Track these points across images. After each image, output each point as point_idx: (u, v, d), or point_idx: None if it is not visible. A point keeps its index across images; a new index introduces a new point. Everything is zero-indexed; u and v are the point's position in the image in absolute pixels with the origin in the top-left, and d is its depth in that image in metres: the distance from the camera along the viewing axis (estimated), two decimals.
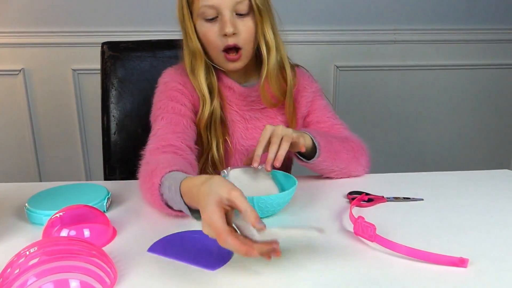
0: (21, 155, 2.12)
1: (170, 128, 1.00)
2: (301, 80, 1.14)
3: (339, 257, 0.69)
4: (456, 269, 0.65)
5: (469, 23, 2.12)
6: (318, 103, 1.14)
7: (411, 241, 0.71)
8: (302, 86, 1.13)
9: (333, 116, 1.13)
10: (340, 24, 2.08)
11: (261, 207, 0.81)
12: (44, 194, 0.90)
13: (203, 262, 0.68)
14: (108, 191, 0.91)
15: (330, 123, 1.11)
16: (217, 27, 0.99)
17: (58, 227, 0.73)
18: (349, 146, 1.04)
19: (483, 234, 0.77)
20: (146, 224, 0.83)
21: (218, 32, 0.99)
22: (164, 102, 1.05)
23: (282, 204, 0.85)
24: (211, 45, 1.01)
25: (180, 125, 1.01)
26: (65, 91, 2.05)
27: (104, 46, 1.30)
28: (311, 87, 1.14)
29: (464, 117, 2.27)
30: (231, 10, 0.97)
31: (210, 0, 0.96)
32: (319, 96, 1.15)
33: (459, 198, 0.93)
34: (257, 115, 1.11)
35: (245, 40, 1.01)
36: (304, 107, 1.13)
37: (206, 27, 1.00)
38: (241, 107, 1.10)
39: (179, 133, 0.99)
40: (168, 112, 1.03)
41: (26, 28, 1.96)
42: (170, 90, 1.07)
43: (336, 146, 1.01)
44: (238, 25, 0.99)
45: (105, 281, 0.61)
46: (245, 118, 1.11)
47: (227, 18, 0.97)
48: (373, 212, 0.86)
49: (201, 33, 1.01)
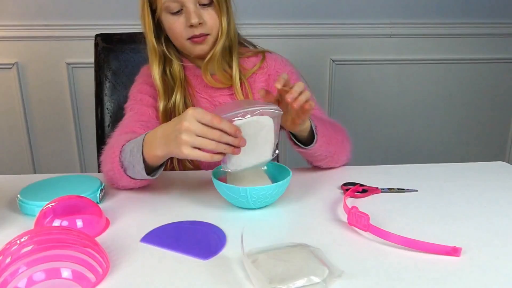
0: (16, 148, 2.11)
1: (135, 117, 1.06)
2: (273, 64, 1.15)
3: (332, 247, 0.69)
4: (449, 258, 0.65)
5: (465, 17, 2.12)
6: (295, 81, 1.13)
7: (405, 231, 0.71)
8: (273, 70, 1.15)
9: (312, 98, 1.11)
10: (336, 18, 2.07)
11: (254, 198, 0.80)
12: (36, 186, 0.90)
13: (196, 251, 0.68)
14: (101, 182, 0.90)
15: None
16: (182, 18, 1.02)
17: (50, 218, 0.73)
18: (338, 129, 1.05)
19: (476, 224, 0.77)
20: (139, 215, 0.83)
21: (185, 24, 1.02)
22: (135, 95, 1.12)
23: (276, 195, 0.84)
24: (178, 35, 1.04)
25: (145, 115, 1.07)
26: (59, 85, 2.04)
27: (97, 38, 1.29)
28: (284, 70, 1.15)
29: (460, 110, 2.27)
30: (194, 3, 1.00)
31: None
32: (295, 79, 1.14)
33: (453, 189, 0.93)
34: (226, 100, 1.13)
35: (211, 27, 1.04)
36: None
37: (172, 19, 1.02)
38: (210, 94, 1.12)
39: (143, 121, 1.04)
40: (136, 104, 1.09)
41: (20, 22, 1.95)
42: (141, 84, 1.13)
43: (329, 130, 1.00)
44: (202, 15, 1.01)
45: (97, 270, 0.61)
46: (215, 105, 1.13)
47: (191, 10, 1.00)
48: (367, 202, 0.86)
49: (167, 25, 1.04)
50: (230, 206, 0.86)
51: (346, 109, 2.16)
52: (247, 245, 0.63)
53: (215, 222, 0.78)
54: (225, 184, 0.82)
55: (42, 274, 0.58)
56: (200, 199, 0.89)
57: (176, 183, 0.98)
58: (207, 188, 0.94)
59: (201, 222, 0.78)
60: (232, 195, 0.82)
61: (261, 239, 0.71)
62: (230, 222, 0.79)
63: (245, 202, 0.81)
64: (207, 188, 0.94)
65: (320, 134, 0.96)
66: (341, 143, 1.04)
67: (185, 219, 0.79)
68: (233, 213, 0.83)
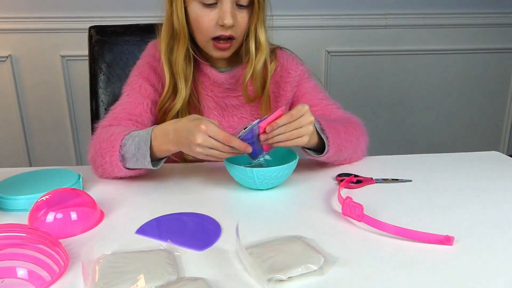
0: (11, 141, 2.11)
1: (128, 108, 1.02)
2: (284, 63, 1.09)
3: (327, 238, 0.69)
4: (442, 247, 0.65)
5: (460, 7, 2.12)
6: (307, 85, 1.10)
7: (398, 221, 0.71)
8: (285, 71, 1.09)
9: (325, 97, 1.10)
10: (331, 9, 2.07)
11: (261, 179, 0.83)
12: (13, 180, 0.88)
13: (191, 243, 0.68)
14: (79, 174, 0.90)
15: (322, 105, 1.08)
16: (214, 14, 0.95)
17: (44, 211, 0.73)
18: (352, 130, 1.00)
19: (469, 213, 0.77)
20: (134, 207, 0.83)
21: (215, 20, 0.95)
22: (135, 78, 1.06)
23: (282, 178, 0.87)
24: (202, 30, 0.97)
25: (139, 107, 1.03)
26: (53, 78, 2.03)
27: (91, 30, 1.29)
28: (295, 70, 1.10)
29: (455, 100, 2.28)
30: (233, 1, 0.94)
31: None
32: (306, 79, 1.11)
33: (447, 179, 0.93)
34: (233, 103, 1.09)
35: (240, 32, 0.99)
36: (289, 93, 1.10)
37: (203, 12, 0.95)
38: (216, 93, 1.08)
39: (134, 115, 1.02)
40: (133, 90, 1.05)
41: (13, 14, 1.93)
42: (145, 66, 1.07)
43: (342, 135, 0.95)
44: (237, 17, 0.96)
45: (54, 269, 0.60)
46: (221, 106, 1.09)
47: (228, 9, 0.94)
48: (361, 193, 0.86)
49: (194, 16, 0.97)
50: (225, 198, 0.86)
51: (341, 100, 2.13)
52: (242, 238, 0.64)
53: (210, 214, 0.78)
54: (235, 166, 0.85)
55: None
56: (194, 191, 0.90)
57: (170, 175, 0.98)
58: (201, 179, 0.95)
59: (195, 213, 0.78)
60: (241, 176, 0.86)
61: (256, 231, 0.71)
62: (224, 214, 0.79)
63: (252, 183, 0.85)
64: (201, 179, 0.95)
65: (331, 145, 0.91)
66: (356, 142, 1.00)
67: (180, 211, 0.79)
68: (227, 205, 0.84)
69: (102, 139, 0.93)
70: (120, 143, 0.89)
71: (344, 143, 0.95)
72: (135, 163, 0.89)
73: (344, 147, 0.95)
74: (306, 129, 0.83)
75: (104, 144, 0.92)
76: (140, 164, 0.88)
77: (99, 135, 0.95)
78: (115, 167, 0.91)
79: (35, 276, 0.59)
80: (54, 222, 0.72)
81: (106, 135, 0.93)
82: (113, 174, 0.93)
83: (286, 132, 0.81)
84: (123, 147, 0.89)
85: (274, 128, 0.80)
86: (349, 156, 1.01)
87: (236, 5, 0.95)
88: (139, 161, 0.88)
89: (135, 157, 0.88)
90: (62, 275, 0.61)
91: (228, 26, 0.95)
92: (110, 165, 0.91)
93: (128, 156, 0.89)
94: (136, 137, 0.89)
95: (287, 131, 0.81)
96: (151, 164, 0.88)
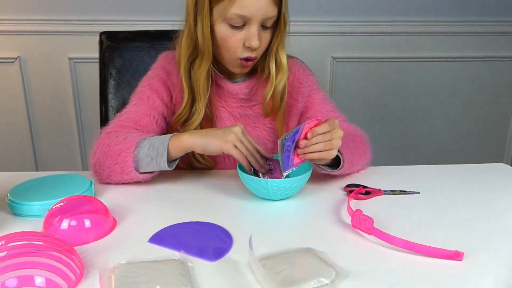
0: (18, 143, 2.12)
1: (134, 117, 1.03)
2: (296, 73, 1.11)
3: (337, 250, 0.70)
4: (451, 262, 0.66)
5: (466, 15, 2.13)
6: (316, 97, 1.12)
7: (407, 234, 0.72)
8: (297, 81, 1.11)
9: (333, 109, 1.12)
10: (337, 16, 2.08)
11: (275, 189, 0.85)
12: (26, 185, 0.89)
13: (204, 253, 0.69)
14: (91, 180, 0.91)
15: (330, 117, 1.07)
16: (241, 35, 0.96)
17: (59, 218, 0.74)
18: (359, 144, 1.02)
19: (477, 227, 0.78)
20: (145, 214, 0.84)
21: (242, 41, 0.96)
22: (144, 88, 1.06)
23: (296, 189, 0.89)
24: (230, 50, 0.98)
25: (145, 118, 1.03)
26: (61, 80, 2.05)
27: (102, 36, 1.30)
28: (306, 81, 1.12)
29: (459, 108, 2.28)
30: (260, 23, 0.95)
31: (245, 11, 0.92)
32: (316, 90, 1.13)
33: (454, 191, 0.94)
34: (247, 113, 1.10)
35: (261, 51, 1.01)
36: (301, 103, 1.12)
37: (230, 33, 0.96)
38: (230, 104, 1.09)
39: (140, 126, 1.02)
40: (141, 100, 1.05)
41: (22, 16, 1.95)
42: (154, 78, 1.07)
43: (353, 150, 0.97)
44: (261, 38, 0.97)
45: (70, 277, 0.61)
46: (235, 116, 1.10)
47: (255, 32, 0.95)
48: (370, 205, 0.87)
49: (221, 35, 0.97)
50: (235, 207, 0.87)
51: (346, 106, 2.15)
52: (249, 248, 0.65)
53: (220, 223, 0.79)
54: (249, 176, 0.87)
55: (14, 280, 0.58)
56: (204, 199, 0.91)
57: (180, 182, 0.99)
58: (211, 187, 0.96)
59: (207, 223, 0.79)
60: (255, 186, 0.87)
61: (266, 242, 0.72)
62: (235, 223, 0.80)
63: (266, 193, 0.87)
64: (211, 187, 0.96)
65: (346, 160, 0.93)
66: (364, 156, 1.03)
67: (190, 220, 0.81)
68: (237, 214, 0.85)
69: (113, 142, 0.94)
70: (136, 144, 0.91)
71: (355, 158, 0.97)
72: (149, 163, 0.91)
73: (356, 161, 0.98)
74: (336, 142, 0.85)
75: (117, 147, 0.93)
76: (155, 164, 0.90)
77: (107, 139, 0.96)
78: (125, 169, 0.92)
79: (53, 284, 0.60)
80: (69, 229, 0.73)
81: (118, 139, 0.94)
82: (119, 177, 0.94)
83: (322, 142, 0.83)
84: (137, 148, 0.91)
85: (314, 135, 0.82)
86: (357, 169, 1.03)
87: (261, 26, 0.97)
88: (154, 161, 0.91)
89: (149, 156, 0.90)
90: (78, 283, 0.62)
91: (254, 48, 0.96)
92: (121, 166, 0.92)
93: (141, 157, 0.91)
94: (153, 139, 0.93)
95: (324, 140, 0.83)
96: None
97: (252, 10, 0.92)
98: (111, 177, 0.95)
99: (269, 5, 0.93)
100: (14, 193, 0.85)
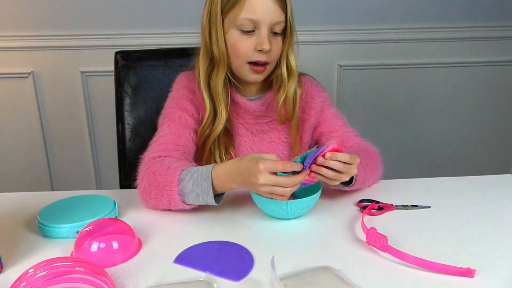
0: (32, 158, 2.17)
1: (172, 139, 1.05)
2: (309, 90, 1.15)
3: (353, 268, 0.74)
4: (463, 278, 0.70)
5: (471, 20, 2.15)
6: (328, 112, 1.16)
7: (420, 250, 0.76)
8: (310, 97, 1.15)
9: (344, 124, 1.16)
10: (343, 24, 2.11)
11: (293, 209, 0.89)
12: (53, 207, 0.94)
13: (228, 273, 0.73)
14: (114, 201, 0.96)
15: (341, 131, 1.14)
16: (252, 40, 1.01)
17: (89, 240, 0.78)
18: (371, 161, 1.05)
19: (488, 243, 0.81)
20: (169, 234, 0.88)
21: (253, 46, 1.01)
22: (173, 109, 1.09)
23: (310, 207, 0.93)
24: (240, 55, 1.03)
25: (182, 138, 1.06)
26: (74, 93, 2.09)
27: (117, 56, 1.34)
28: (319, 97, 1.16)
29: (467, 114, 2.29)
30: (269, 28, 1.00)
31: (254, 15, 0.98)
32: (328, 105, 1.17)
33: (465, 205, 0.97)
34: (263, 128, 1.14)
35: (274, 58, 1.05)
36: (313, 118, 1.16)
37: (241, 38, 1.01)
38: (247, 120, 1.13)
39: (180, 145, 1.04)
40: (174, 121, 1.07)
41: (34, 32, 2.00)
42: (181, 98, 1.11)
43: (365, 168, 1.00)
44: (272, 43, 1.02)
45: None
46: (252, 132, 1.14)
47: (265, 35, 1.00)
48: (383, 220, 0.91)
49: (232, 42, 1.03)
50: (253, 226, 0.91)
51: (353, 114, 2.19)
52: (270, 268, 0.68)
53: (240, 242, 0.83)
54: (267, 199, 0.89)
55: None
56: (223, 218, 0.94)
57: None
58: (229, 206, 0.99)
59: (229, 242, 0.83)
60: (272, 207, 0.91)
61: (285, 260, 0.76)
62: (254, 242, 0.83)
63: (284, 213, 0.90)
64: (229, 206, 0.99)
65: (358, 179, 0.97)
66: (375, 172, 1.06)
67: (213, 239, 0.84)
68: (256, 233, 0.88)
69: (158, 172, 0.95)
70: (178, 177, 0.92)
71: (367, 175, 1.01)
72: (195, 198, 0.91)
73: (367, 178, 1.02)
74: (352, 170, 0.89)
75: (161, 178, 0.93)
76: (202, 200, 0.91)
77: (152, 166, 0.97)
78: (172, 201, 0.93)
79: None
80: (98, 251, 0.77)
81: (162, 168, 0.95)
82: (167, 207, 0.95)
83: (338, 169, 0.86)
84: (181, 182, 0.91)
85: (333, 158, 0.85)
86: (369, 185, 1.06)
87: (271, 32, 1.02)
88: (200, 197, 0.91)
89: (195, 192, 0.91)
90: None
91: (266, 51, 1.01)
92: (168, 199, 0.93)
93: (187, 192, 0.91)
94: (194, 173, 0.91)
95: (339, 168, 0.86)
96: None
97: (260, 13, 0.98)
98: (159, 205, 0.96)
99: (276, 9, 1.00)
100: (43, 216, 0.89)
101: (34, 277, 0.64)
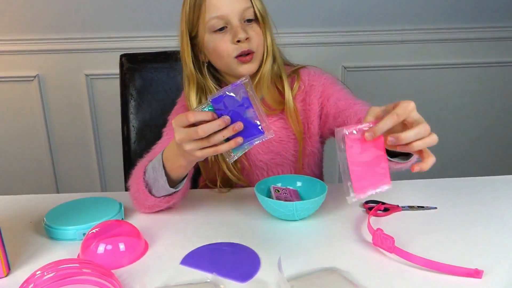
0: (37, 159, 2.18)
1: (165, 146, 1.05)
2: (307, 80, 1.12)
3: (360, 269, 0.74)
4: (471, 280, 0.69)
5: (476, 21, 2.14)
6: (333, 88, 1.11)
7: (427, 251, 0.76)
8: (309, 86, 1.12)
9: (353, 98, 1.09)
10: (347, 25, 2.11)
11: (299, 211, 0.89)
12: (60, 209, 0.95)
13: (234, 274, 0.73)
14: (120, 203, 0.96)
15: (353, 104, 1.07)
16: (228, 36, 1.00)
17: (96, 242, 0.78)
18: None
19: (495, 244, 0.81)
20: (175, 236, 0.88)
21: (231, 41, 1.00)
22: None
23: (315, 208, 0.92)
24: (224, 54, 1.02)
25: None
26: (79, 96, 2.10)
27: (122, 58, 1.34)
28: (318, 81, 1.12)
29: (472, 114, 2.28)
30: (239, 18, 1.00)
31: (218, 11, 0.98)
32: (330, 84, 1.12)
33: (471, 205, 0.97)
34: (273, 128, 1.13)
35: (257, 44, 1.03)
36: (316, 105, 1.11)
37: (217, 38, 1.01)
38: None
39: None
40: (171, 132, 1.08)
41: (40, 35, 2.01)
42: (181, 108, 1.14)
43: None
44: (248, 30, 1.01)
45: None
46: None
47: (237, 25, 0.99)
48: (389, 221, 0.91)
49: (212, 45, 1.02)
50: (258, 227, 0.91)
51: None
52: (277, 269, 0.68)
53: (246, 243, 0.83)
54: (274, 200, 0.91)
55: None
56: (229, 220, 0.94)
57: (205, 202, 1.03)
58: (234, 207, 0.99)
59: (235, 244, 0.83)
60: (278, 209, 0.91)
61: (291, 262, 0.76)
62: (259, 243, 0.83)
63: (290, 215, 0.90)
64: (234, 207, 0.99)
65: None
66: None
67: (219, 241, 0.84)
68: (261, 234, 0.88)
69: (134, 170, 1.00)
70: (144, 169, 0.95)
71: None
72: (157, 186, 0.92)
73: None
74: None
75: (133, 176, 0.99)
76: (160, 186, 0.91)
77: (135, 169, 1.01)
78: (142, 195, 0.94)
79: None
80: (105, 253, 0.77)
81: (137, 165, 1.00)
82: (145, 203, 0.96)
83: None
84: (146, 173, 0.95)
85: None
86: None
87: (244, 21, 1.01)
88: (159, 183, 0.91)
89: (155, 179, 0.92)
90: None
91: (243, 39, 0.99)
92: (138, 193, 0.95)
93: (150, 181, 0.93)
94: (153, 161, 0.94)
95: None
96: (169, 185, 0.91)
97: (223, 7, 0.98)
98: (139, 204, 0.98)
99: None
100: (50, 218, 0.90)
101: (41, 279, 0.64)
